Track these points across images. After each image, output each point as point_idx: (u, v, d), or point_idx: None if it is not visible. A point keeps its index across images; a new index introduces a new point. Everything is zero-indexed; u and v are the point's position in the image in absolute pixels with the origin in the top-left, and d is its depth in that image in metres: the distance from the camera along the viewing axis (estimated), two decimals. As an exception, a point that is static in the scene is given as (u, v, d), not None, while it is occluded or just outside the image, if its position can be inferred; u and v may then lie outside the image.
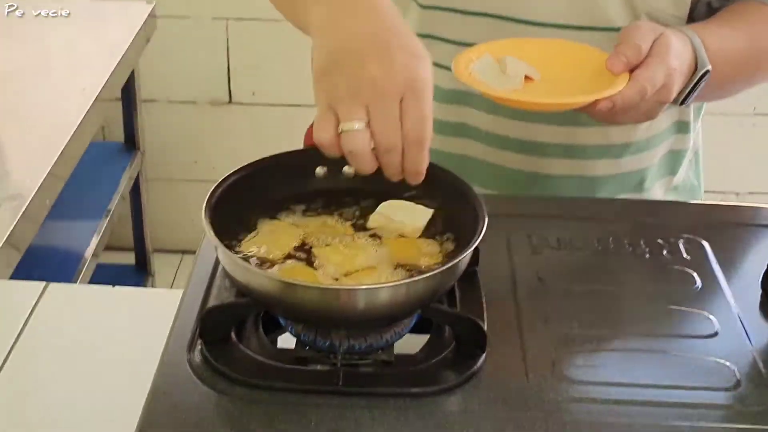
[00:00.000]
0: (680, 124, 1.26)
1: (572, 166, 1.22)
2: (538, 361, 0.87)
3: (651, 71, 1.00)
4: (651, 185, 1.26)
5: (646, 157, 1.24)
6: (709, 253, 1.03)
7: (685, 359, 0.88)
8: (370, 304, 0.81)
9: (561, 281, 0.99)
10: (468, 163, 1.23)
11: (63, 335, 1.14)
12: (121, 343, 1.13)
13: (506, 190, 1.24)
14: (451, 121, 1.22)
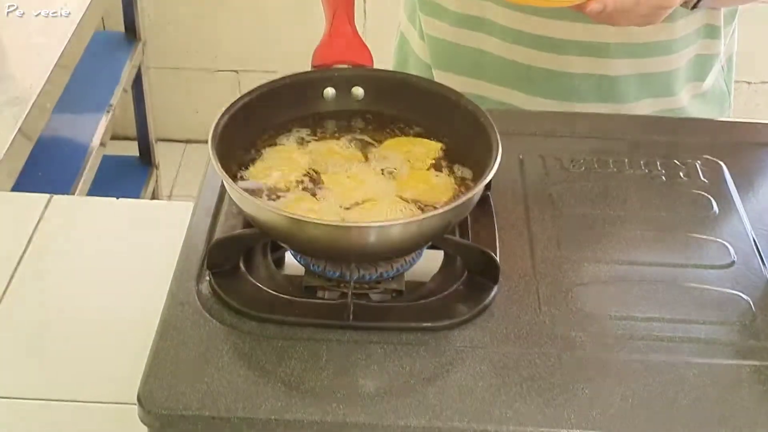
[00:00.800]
0: (709, 29, 1.21)
1: (591, 64, 1.18)
2: (551, 292, 0.86)
3: None
4: (679, 90, 1.22)
5: (671, 59, 1.19)
6: (726, 176, 1.01)
7: (701, 291, 0.87)
8: (381, 240, 0.80)
9: (575, 205, 0.97)
10: (483, 58, 1.20)
11: (69, 248, 1.13)
12: (127, 256, 1.12)
13: (521, 89, 1.21)
14: (468, 14, 1.19)
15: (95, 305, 1.05)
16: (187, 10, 2.80)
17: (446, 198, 0.87)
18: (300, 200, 0.85)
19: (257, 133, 0.93)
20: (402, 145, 0.93)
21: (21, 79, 1.68)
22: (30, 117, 1.57)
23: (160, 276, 0.96)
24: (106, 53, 2.39)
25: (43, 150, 1.78)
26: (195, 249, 0.89)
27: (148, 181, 2.61)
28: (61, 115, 1.98)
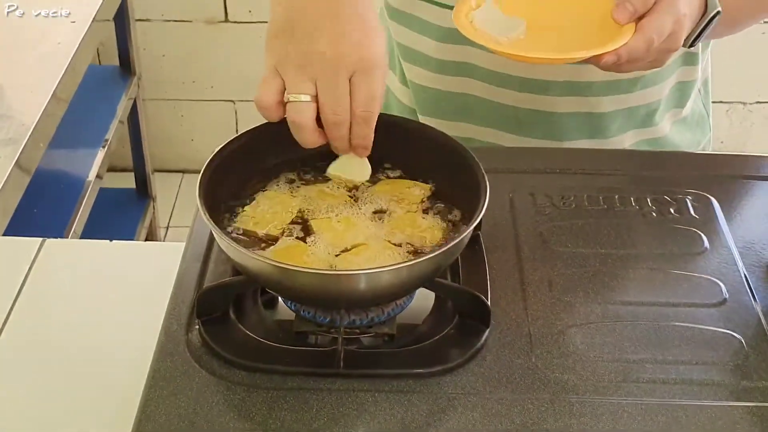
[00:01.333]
0: (688, 56, 1.22)
1: (577, 103, 1.18)
2: (543, 334, 0.86)
3: (659, 20, 0.96)
4: (660, 119, 1.23)
5: (654, 91, 1.20)
6: (716, 210, 1.01)
7: (694, 331, 0.86)
8: (371, 287, 0.79)
9: (565, 244, 0.96)
10: (469, 102, 1.20)
11: (62, 293, 1.13)
12: (121, 299, 1.11)
13: (509, 130, 1.21)
14: (451, 60, 1.19)
15: (89, 350, 1.04)
16: (183, 41, 2.81)
17: (436, 241, 0.87)
18: (289, 247, 0.84)
19: (246, 178, 0.93)
20: (391, 187, 0.93)
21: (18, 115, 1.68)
22: (26, 150, 1.58)
23: (154, 319, 0.96)
24: (102, 87, 2.40)
25: (40, 184, 1.79)
26: (184, 297, 0.89)
27: (145, 213, 2.61)
28: (57, 150, 1.98)
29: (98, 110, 2.33)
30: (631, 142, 1.22)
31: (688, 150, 1.26)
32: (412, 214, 0.89)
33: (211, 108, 2.91)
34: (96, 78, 2.35)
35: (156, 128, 2.83)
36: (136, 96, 2.46)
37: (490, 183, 0.87)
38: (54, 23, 1.89)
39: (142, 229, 2.57)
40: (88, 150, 2.25)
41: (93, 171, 2.20)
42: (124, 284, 1.14)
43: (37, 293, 1.12)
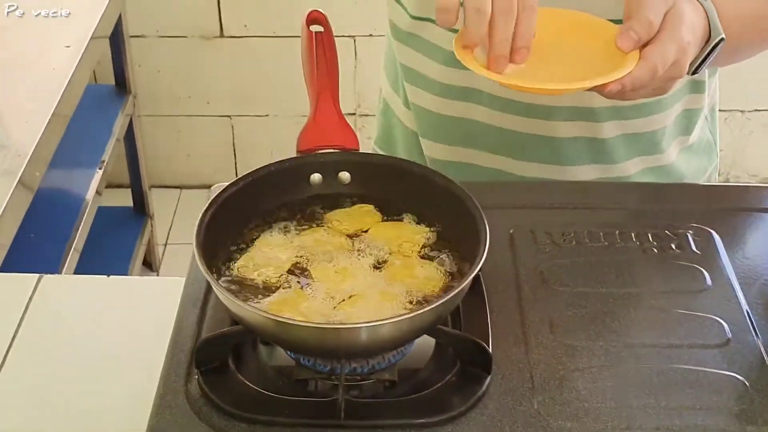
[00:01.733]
0: (694, 84, 1.20)
1: (581, 128, 1.17)
2: (545, 379, 0.85)
3: (662, 48, 0.95)
4: (667, 146, 1.22)
5: (659, 118, 1.19)
6: (718, 245, 1.00)
7: (697, 374, 0.85)
8: (371, 339, 0.79)
9: (566, 283, 0.95)
10: (472, 128, 1.20)
11: (60, 331, 1.12)
12: (118, 336, 1.11)
13: (512, 155, 1.20)
14: (455, 85, 1.18)
15: (87, 390, 1.04)
16: (178, 57, 2.81)
17: (436, 289, 0.86)
18: (287, 299, 0.84)
19: (244, 222, 0.92)
20: (389, 230, 0.92)
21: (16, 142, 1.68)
22: (27, 170, 1.57)
23: (151, 355, 0.95)
24: (98, 106, 2.39)
25: (38, 205, 1.78)
26: (183, 345, 0.88)
27: (143, 231, 2.61)
28: (55, 170, 1.98)
29: (95, 130, 2.33)
30: (637, 169, 1.21)
31: (694, 178, 1.26)
32: (411, 260, 0.88)
33: (208, 123, 2.91)
34: (92, 97, 2.34)
35: (153, 144, 2.82)
36: (132, 114, 2.45)
37: (490, 219, 0.87)
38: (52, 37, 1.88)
39: (140, 247, 2.57)
40: (85, 170, 2.25)
41: (91, 191, 2.20)
42: (122, 321, 1.13)
43: (35, 331, 1.11)
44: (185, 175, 3.00)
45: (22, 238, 1.68)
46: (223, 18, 2.74)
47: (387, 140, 1.35)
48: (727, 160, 2.98)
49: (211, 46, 2.79)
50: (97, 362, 1.07)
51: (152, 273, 2.73)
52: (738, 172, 3.06)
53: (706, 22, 0.99)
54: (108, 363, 1.07)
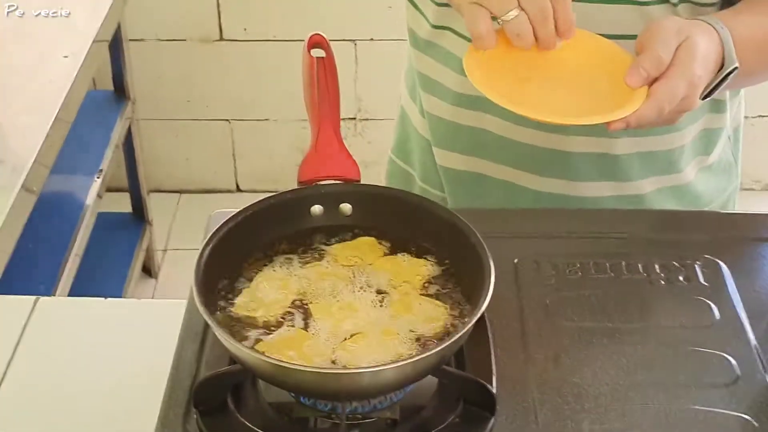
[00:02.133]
0: (714, 103, 1.18)
1: (594, 143, 1.15)
2: (550, 420, 0.83)
3: (671, 85, 0.93)
4: (685, 166, 1.20)
5: (675, 137, 1.17)
6: (727, 277, 0.98)
7: (705, 415, 0.84)
8: (373, 382, 0.77)
9: (572, 317, 0.94)
10: (485, 138, 1.18)
11: (56, 354, 1.11)
12: (115, 359, 1.09)
13: (524, 168, 1.18)
14: (469, 94, 1.16)
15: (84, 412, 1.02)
16: (177, 60, 2.78)
17: (440, 325, 0.84)
18: (288, 339, 0.82)
19: (244, 256, 0.90)
20: (392, 264, 0.90)
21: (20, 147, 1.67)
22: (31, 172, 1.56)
23: (150, 379, 0.94)
24: (97, 113, 2.38)
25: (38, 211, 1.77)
26: (181, 382, 0.87)
27: (142, 237, 2.59)
28: (54, 176, 1.97)
29: (94, 137, 2.31)
30: (652, 188, 1.19)
31: (711, 198, 1.24)
32: (414, 296, 0.87)
33: (207, 128, 2.89)
34: (91, 103, 2.32)
35: (152, 149, 2.80)
36: (131, 121, 2.44)
37: (494, 248, 0.85)
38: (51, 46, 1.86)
39: (139, 253, 2.56)
40: (84, 177, 2.24)
41: (90, 197, 2.19)
42: (120, 345, 1.12)
43: (32, 355, 1.10)
44: (184, 180, 2.98)
45: (22, 245, 1.67)
46: (222, 21, 2.72)
47: (403, 149, 1.34)
48: (749, 167, 2.96)
49: (211, 49, 2.77)
50: (94, 386, 1.06)
51: (151, 279, 2.72)
52: (742, 179, 3.04)
53: (721, 49, 0.98)
54: (105, 387, 1.06)
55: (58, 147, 1.77)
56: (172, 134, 2.91)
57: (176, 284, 2.67)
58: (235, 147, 2.93)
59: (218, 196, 2.99)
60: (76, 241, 2.09)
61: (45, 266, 2.02)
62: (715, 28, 0.99)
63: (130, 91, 2.42)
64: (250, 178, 2.98)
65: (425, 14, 1.19)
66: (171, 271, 2.75)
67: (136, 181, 2.58)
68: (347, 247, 0.92)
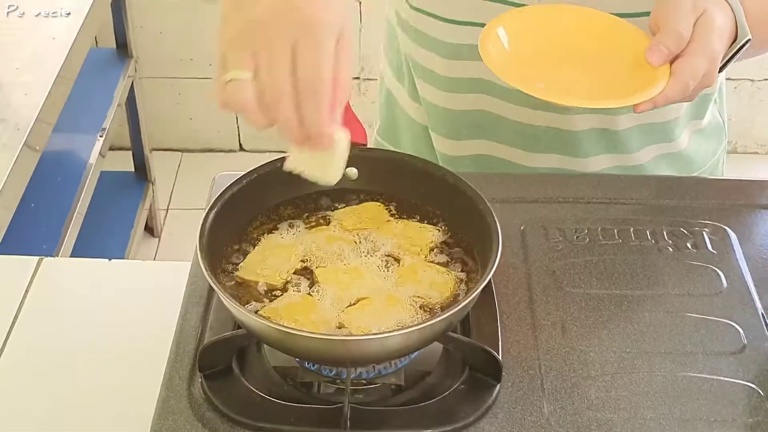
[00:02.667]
0: None
1: (595, 120, 1.14)
2: (556, 387, 0.83)
3: (694, 62, 0.91)
4: (680, 133, 1.19)
5: (674, 107, 1.16)
6: (734, 244, 0.98)
7: (712, 383, 0.84)
8: (379, 349, 0.77)
9: (579, 284, 0.93)
10: (484, 119, 1.16)
11: (60, 314, 1.10)
12: (120, 320, 1.09)
13: (525, 147, 1.17)
14: (464, 78, 1.14)
15: (88, 374, 1.02)
16: (180, 18, 2.76)
17: (446, 292, 0.84)
18: (293, 304, 0.81)
19: (248, 220, 0.90)
20: (398, 229, 0.89)
21: (22, 99, 1.66)
22: (34, 130, 1.55)
23: (154, 341, 0.94)
24: (99, 71, 2.36)
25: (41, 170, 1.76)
26: (186, 346, 0.86)
27: (144, 195, 2.58)
28: (57, 135, 1.96)
29: (96, 95, 2.29)
30: (650, 157, 1.18)
31: (704, 161, 1.23)
32: (419, 262, 0.86)
33: (210, 86, 2.86)
34: (93, 62, 2.30)
35: (154, 107, 2.78)
36: (134, 79, 2.42)
37: (501, 213, 0.85)
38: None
39: (142, 212, 2.55)
40: (87, 136, 2.23)
41: (93, 156, 2.18)
42: (123, 306, 1.11)
43: (35, 315, 1.09)
44: (187, 139, 2.96)
45: (25, 204, 1.67)
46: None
47: (390, 131, 1.31)
48: (736, 130, 2.94)
49: (214, 7, 2.72)
50: (98, 347, 1.05)
51: (154, 238, 2.71)
52: (746, 142, 3.03)
53: (734, 21, 0.96)
54: (109, 348, 1.05)
55: (61, 105, 1.76)
56: (175, 93, 2.89)
57: (179, 243, 2.66)
58: (238, 106, 2.91)
59: (221, 156, 2.97)
60: (79, 200, 2.08)
61: (48, 225, 2.01)
62: (727, 1, 0.97)
63: (133, 49, 2.40)
64: (253, 138, 2.97)
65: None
66: (173, 230, 2.74)
67: (138, 140, 2.56)
68: (353, 211, 0.91)
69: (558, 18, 0.98)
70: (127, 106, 2.45)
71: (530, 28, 0.97)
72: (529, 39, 0.96)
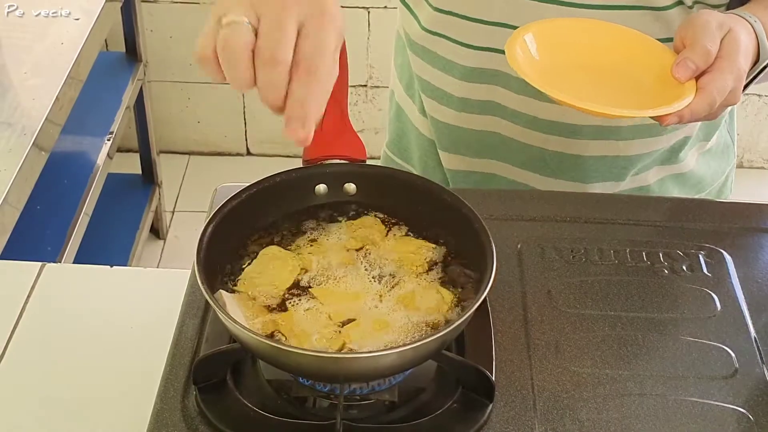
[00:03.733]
0: None
1: (606, 147, 1.14)
2: (549, 409, 0.83)
3: (721, 79, 0.92)
4: (685, 155, 1.20)
5: (683, 131, 1.17)
6: (730, 268, 0.98)
7: (703, 407, 0.84)
8: (373, 367, 0.77)
9: (574, 304, 0.94)
10: (495, 140, 1.17)
11: (61, 321, 1.11)
12: (121, 327, 1.10)
13: (535, 170, 1.17)
14: (476, 99, 1.15)
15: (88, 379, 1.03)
16: (190, 22, 2.77)
17: (441, 310, 0.84)
18: (288, 320, 0.82)
19: (247, 235, 0.90)
20: (394, 245, 0.90)
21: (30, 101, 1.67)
22: (42, 133, 1.57)
23: (154, 347, 0.95)
24: (108, 74, 2.37)
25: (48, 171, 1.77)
26: (182, 358, 0.87)
27: (151, 198, 2.60)
28: (65, 137, 1.97)
29: (105, 98, 2.31)
30: (655, 178, 1.19)
31: (712, 180, 1.23)
32: (415, 279, 0.87)
33: (219, 91, 2.88)
34: (103, 65, 2.32)
35: (163, 111, 2.80)
36: (143, 82, 2.43)
37: (498, 231, 0.86)
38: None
39: (148, 214, 2.57)
40: (95, 138, 2.24)
41: (101, 159, 2.20)
42: (124, 313, 1.12)
43: (37, 321, 1.10)
44: (194, 142, 2.98)
45: (32, 204, 1.68)
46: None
47: (400, 146, 1.31)
48: (743, 145, 2.95)
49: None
50: (98, 353, 1.06)
51: (159, 240, 2.72)
52: (752, 157, 3.03)
53: (756, 42, 0.97)
54: (109, 354, 1.06)
55: (69, 107, 1.77)
56: (184, 97, 2.90)
57: (184, 246, 2.68)
58: (246, 111, 2.93)
59: (228, 159, 2.99)
60: (85, 202, 2.09)
61: (54, 226, 2.02)
62: (749, 21, 0.98)
63: (142, 52, 2.41)
64: (261, 142, 2.98)
65: (418, 17, 1.16)
66: (179, 232, 2.76)
67: (146, 142, 2.58)
68: (351, 227, 0.92)
69: (585, 31, 0.99)
70: (136, 109, 2.46)
71: (558, 38, 0.98)
72: (556, 49, 0.97)
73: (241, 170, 2.86)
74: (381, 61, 2.78)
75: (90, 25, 1.88)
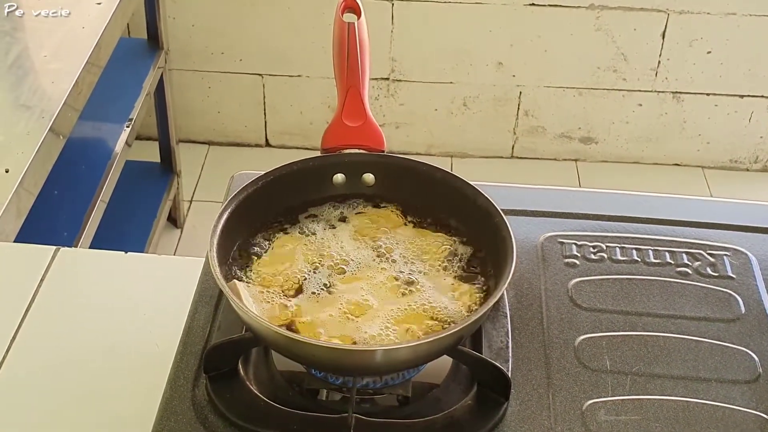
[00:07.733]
0: None
1: None
2: (565, 409, 0.81)
3: None
4: None
5: None
6: (755, 270, 0.96)
7: (724, 412, 0.82)
8: (388, 360, 0.76)
9: (594, 303, 0.92)
10: None
11: (75, 305, 1.10)
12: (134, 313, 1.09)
13: None
14: None
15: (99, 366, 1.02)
16: (212, 13, 2.76)
17: (459, 304, 0.82)
18: (303, 310, 0.80)
19: (263, 222, 0.89)
20: (412, 237, 0.88)
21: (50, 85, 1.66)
22: (59, 118, 1.56)
23: (166, 334, 0.94)
24: (129, 61, 2.36)
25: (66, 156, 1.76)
26: (193, 346, 0.86)
27: (169, 186, 2.58)
28: (84, 123, 1.96)
29: (125, 85, 2.29)
30: None
31: None
32: (433, 272, 0.85)
33: (239, 81, 2.86)
34: (124, 51, 2.31)
35: (183, 99, 2.79)
36: (164, 70, 2.42)
37: (519, 226, 0.84)
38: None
39: (166, 203, 2.55)
40: (114, 125, 2.23)
41: (119, 145, 2.18)
42: (137, 300, 1.11)
43: (49, 305, 1.09)
44: (214, 131, 2.96)
45: (48, 190, 1.67)
46: (260, -27, 2.69)
47: None
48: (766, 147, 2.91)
49: (246, 2, 2.73)
50: (109, 340, 1.05)
51: (176, 229, 2.71)
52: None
53: None
54: (120, 342, 1.05)
55: (88, 92, 1.76)
56: (205, 86, 2.89)
57: (201, 235, 2.66)
58: (266, 101, 2.91)
59: (247, 150, 2.97)
60: (102, 189, 2.08)
61: (70, 212, 2.01)
62: None
63: (164, 40, 2.40)
64: (280, 133, 2.96)
65: None
66: (196, 222, 2.74)
67: (165, 131, 2.56)
68: (368, 217, 0.91)
69: None
70: (156, 96, 2.45)
71: None
72: None
73: (261, 161, 2.83)
74: (404, 55, 2.76)
75: (112, 10, 1.87)
